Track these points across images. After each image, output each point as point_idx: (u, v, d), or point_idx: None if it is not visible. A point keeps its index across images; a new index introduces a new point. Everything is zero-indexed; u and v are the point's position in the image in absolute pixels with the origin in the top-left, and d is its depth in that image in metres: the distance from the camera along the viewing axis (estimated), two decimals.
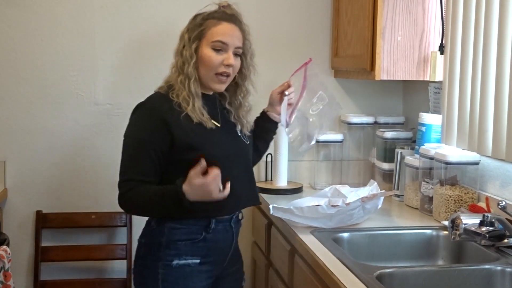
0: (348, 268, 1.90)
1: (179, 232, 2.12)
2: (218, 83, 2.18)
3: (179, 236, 2.12)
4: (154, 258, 2.13)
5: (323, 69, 3.21)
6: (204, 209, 2.07)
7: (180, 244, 2.12)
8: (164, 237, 2.12)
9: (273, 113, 2.44)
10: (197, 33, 2.14)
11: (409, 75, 2.72)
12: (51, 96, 3.03)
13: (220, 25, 2.15)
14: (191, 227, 2.13)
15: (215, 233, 2.16)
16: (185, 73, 2.13)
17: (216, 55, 2.14)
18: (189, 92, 2.12)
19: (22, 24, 2.98)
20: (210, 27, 2.14)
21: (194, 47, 2.13)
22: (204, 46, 2.14)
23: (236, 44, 2.17)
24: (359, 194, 2.49)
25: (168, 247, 2.12)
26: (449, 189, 2.44)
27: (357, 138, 3.19)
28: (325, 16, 3.20)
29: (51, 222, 3.04)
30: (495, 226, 2.02)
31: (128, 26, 3.05)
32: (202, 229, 2.14)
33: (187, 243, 2.12)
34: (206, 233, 2.14)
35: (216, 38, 2.13)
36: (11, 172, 3.02)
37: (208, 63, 2.14)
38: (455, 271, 1.95)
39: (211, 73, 2.15)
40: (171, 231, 2.12)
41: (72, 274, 3.10)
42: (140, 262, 2.19)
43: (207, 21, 2.15)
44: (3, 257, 2.49)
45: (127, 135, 2.16)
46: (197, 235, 2.13)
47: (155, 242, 2.14)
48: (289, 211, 2.32)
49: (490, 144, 2.30)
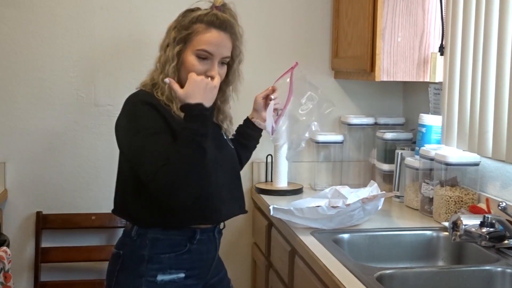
0: (348, 269, 1.90)
1: (162, 244, 1.99)
2: None
3: (163, 249, 1.98)
4: (136, 274, 1.98)
5: (323, 70, 3.22)
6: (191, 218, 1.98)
7: (163, 257, 1.98)
8: (146, 249, 1.98)
9: (258, 120, 2.33)
10: (183, 35, 2.01)
11: (409, 76, 2.72)
12: (51, 97, 3.03)
13: (208, 32, 2.00)
14: (175, 238, 2.00)
15: (199, 244, 2.04)
16: (166, 73, 2.02)
17: (199, 64, 1.99)
18: (170, 94, 2.00)
19: (22, 25, 2.98)
20: (198, 33, 2.00)
21: (177, 50, 2.01)
22: (189, 52, 2.01)
23: (223, 54, 2.03)
24: (359, 195, 2.49)
25: (151, 261, 1.97)
26: (449, 190, 2.44)
27: (357, 139, 3.19)
28: (325, 17, 3.20)
29: (51, 223, 3.04)
30: (495, 227, 2.02)
31: (128, 27, 3.06)
32: (186, 240, 2.01)
33: (171, 256, 1.99)
34: (191, 244, 2.02)
35: (202, 47, 1.99)
36: (11, 173, 3.02)
37: (190, 71, 1.98)
38: (456, 272, 1.95)
39: None
40: (154, 243, 1.98)
41: (72, 275, 3.10)
42: (119, 277, 2.02)
43: (195, 24, 2.01)
44: (3, 258, 2.49)
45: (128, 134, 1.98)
46: (181, 246, 2.00)
47: (136, 255, 1.99)
48: (289, 212, 2.32)
49: (490, 145, 2.30)
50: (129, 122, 1.99)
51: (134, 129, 1.96)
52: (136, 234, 2.01)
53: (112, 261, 2.07)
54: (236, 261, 3.17)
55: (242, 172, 3.10)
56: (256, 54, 2.96)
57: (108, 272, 2.08)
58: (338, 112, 3.24)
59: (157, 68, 2.08)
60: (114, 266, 2.05)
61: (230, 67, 2.12)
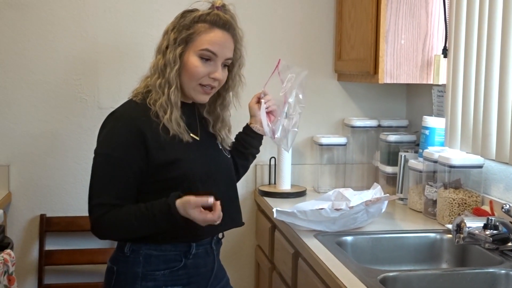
0: (351, 272, 1.90)
1: (156, 261, 1.91)
2: (202, 94, 1.96)
3: (157, 265, 1.91)
4: None
5: (326, 73, 3.22)
6: (183, 234, 1.91)
7: (158, 274, 1.91)
8: (140, 266, 1.90)
9: (256, 125, 2.19)
10: (184, 35, 1.92)
11: (412, 78, 2.72)
12: (54, 100, 3.03)
13: (211, 32, 1.92)
14: (169, 254, 1.92)
15: (195, 258, 1.96)
16: (166, 78, 1.92)
17: (202, 65, 1.92)
18: (168, 100, 1.90)
19: (26, 28, 2.98)
20: (200, 33, 1.92)
21: (179, 51, 1.91)
22: (191, 53, 1.92)
23: (227, 55, 1.96)
24: (363, 197, 2.48)
25: (145, 279, 1.90)
26: (453, 193, 2.43)
27: (360, 141, 3.19)
28: (328, 20, 3.20)
29: (55, 226, 3.05)
30: (499, 230, 2.01)
31: (131, 30, 3.06)
32: (181, 255, 1.94)
33: (165, 273, 1.91)
34: (186, 259, 1.94)
35: (206, 47, 1.91)
36: (15, 176, 3.03)
37: (192, 72, 1.92)
38: (459, 274, 1.95)
39: (194, 83, 1.94)
40: (148, 259, 1.91)
41: (76, 278, 3.10)
42: None
43: (197, 24, 1.93)
44: (7, 261, 2.49)
45: (99, 152, 1.92)
46: (176, 262, 1.93)
47: (130, 272, 1.92)
48: (292, 214, 2.32)
49: (493, 147, 2.30)
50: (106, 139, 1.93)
51: (101, 147, 1.93)
52: (129, 250, 1.94)
53: (107, 276, 2.00)
54: (240, 264, 3.17)
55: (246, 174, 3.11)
56: (258, 58, 2.96)
57: (104, 286, 2.02)
58: (342, 115, 3.24)
59: (153, 73, 1.97)
60: (109, 281, 1.98)
61: (230, 71, 2.03)
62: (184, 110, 1.96)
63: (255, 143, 2.24)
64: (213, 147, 2.07)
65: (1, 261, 2.45)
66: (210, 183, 1.95)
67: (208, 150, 2.03)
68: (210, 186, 1.94)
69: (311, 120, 3.21)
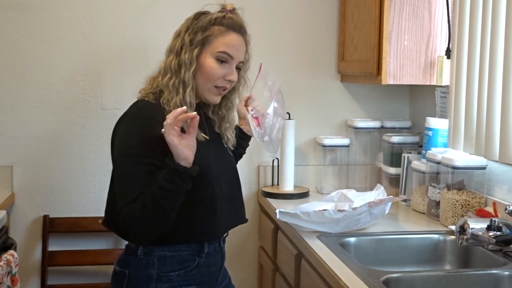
0: (354, 273, 1.90)
1: (170, 262, 1.92)
2: (216, 95, 2.00)
3: (171, 266, 1.92)
4: None
5: (329, 74, 3.22)
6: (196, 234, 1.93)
7: (172, 275, 1.92)
8: (154, 268, 1.91)
9: (246, 127, 2.27)
10: (201, 37, 1.95)
11: (415, 79, 2.72)
12: (58, 101, 3.03)
13: (228, 35, 1.96)
14: (182, 254, 1.94)
15: (207, 257, 1.99)
16: (182, 79, 1.93)
17: (219, 67, 1.95)
18: (183, 100, 1.91)
19: (29, 29, 2.99)
20: (217, 35, 1.95)
21: (196, 53, 1.94)
22: (208, 55, 1.95)
23: (240, 58, 2.00)
24: (366, 198, 2.48)
25: (160, 280, 1.91)
26: (456, 194, 2.43)
27: (363, 142, 3.19)
28: (331, 21, 3.20)
29: (58, 227, 3.05)
30: (502, 231, 2.01)
31: (135, 31, 3.06)
32: (194, 254, 1.96)
33: (180, 273, 1.93)
34: (199, 258, 1.96)
35: (223, 49, 1.95)
36: (18, 177, 3.03)
37: (209, 74, 1.95)
38: (462, 276, 1.95)
39: (210, 84, 1.97)
40: (162, 261, 1.92)
41: (79, 279, 3.10)
42: None
43: (214, 26, 1.96)
44: (10, 262, 2.50)
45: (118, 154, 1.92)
46: (189, 262, 1.95)
47: (143, 274, 1.91)
48: (295, 215, 2.32)
49: (497, 148, 2.29)
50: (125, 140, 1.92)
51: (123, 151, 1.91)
52: (142, 253, 1.93)
53: (117, 280, 1.99)
54: (243, 265, 3.17)
55: (249, 175, 3.11)
56: (261, 59, 2.95)
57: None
58: (345, 116, 3.24)
59: (164, 73, 1.98)
60: (120, 285, 1.97)
61: (238, 73, 2.05)
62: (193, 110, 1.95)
63: (243, 144, 2.33)
64: (220, 146, 2.10)
65: (5, 262, 2.45)
66: (221, 181, 1.98)
67: (216, 149, 2.05)
68: (221, 183, 1.97)
69: (314, 121, 3.21)
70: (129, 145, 1.88)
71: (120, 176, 1.90)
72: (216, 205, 1.96)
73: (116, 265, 2.01)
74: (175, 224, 1.87)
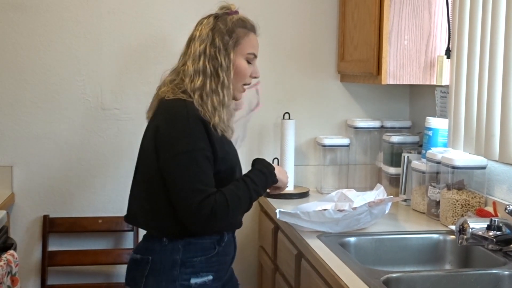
0: (354, 273, 1.90)
1: (194, 248, 2.04)
2: (242, 92, 2.17)
3: (195, 253, 2.04)
4: (169, 278, 2.01)
5: (329, 74, 3.22)
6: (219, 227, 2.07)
7: (195, 261, 2.03)
8: (179, 254, 2.02)
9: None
10: (232, 41, 2.07)
11: (415, 79, 2.72)
12: (57, 101, 3.04)
13: (251, 36, 2.13)
14: (205, 242, 2.06)
15: (225, 246, 2.12)
16: (221, 81, 2.05)
17: (248, 66, 2.13)
18: (223, 101, 2.04)
19: (29, 30, 2.99)
20: (243, 37, 2.10)
21: (232, 56, 2.07)
22: (239, 56, 2.10)
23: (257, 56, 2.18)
24: (366, 198, 2.48)
25: (184, 265, 2.02)
26: (456, 194, 2.43)
27: (363, 142, 3.19)
28: (331, 21, 3.20)
29: (58, 227, 3.05)
30: (502, 231, 2.01)
31: (134, 31, 3.06)
32: (215, 243, 2.08)
33: (201, 259, 2.04)
34: (219, 246, 2.09)
35: (251, 51, 2.12)
36: (18, 177, 3.03)
37: (242, 74, 2.11)
38: (462, 275, 1.95)
39: (241, 83, 2.14)
40: (187, 247, 2.03)
41: (79, 279, 3.10)
42: (148, 281, 2.02)
43: (238, 29, 2.10)
44: (10, 262, 2.50)
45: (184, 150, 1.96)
46: (210, 250, 2.07)
47: (168, 260, 2.02)
48: (295, 215, 2.32)
49: (497, 148, 2.29)
50: (183, 138, 1.98)
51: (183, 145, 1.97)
52: (167, 240, 2.04)
53: (137, 266, 2.06)
54: (243, 265, 3.16)
55: None
56: (261, 58, 2.95)
57: (132, 277, 2.07)
58: (345, 116, 3.24)
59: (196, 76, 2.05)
60: (141, 272, 2.03)
61: None
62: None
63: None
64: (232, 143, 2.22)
65: (5, 262, 2.45)
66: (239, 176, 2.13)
67: (233, 145, 2.19)
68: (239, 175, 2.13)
69: (314, 121, 3.22)
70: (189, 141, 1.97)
71: (186, 172, 1.96)
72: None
73: (135, 254, 2.10)
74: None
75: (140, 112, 3.06)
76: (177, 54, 2.22)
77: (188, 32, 2.21)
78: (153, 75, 3.07)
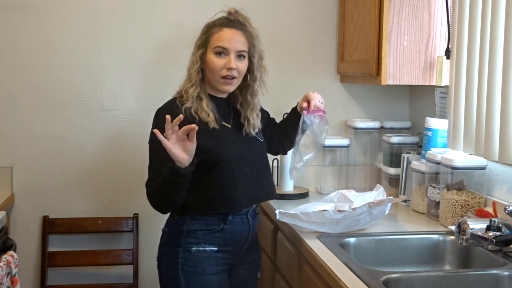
0: (354, 273, 1.90)
1: (198, 223, 2.25)
2: (225, 84, 2.27)
3: (199, 226, 2.25)
4: (175, 245, 2.26)
5: (329, 74, 3.22)
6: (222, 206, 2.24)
7: (199, 233, 2.25)
8: (185, 226, 2.25)
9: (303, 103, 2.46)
10: (202, 41, 2.28)
11: (415, 79, 2.72)
12: (57, 102, 3.04)
13: (221, 31, 2.26)
14: (209, 219, 2.26)
15: (232, 225, 2.28)
16: (190, 78, 2.28)
17: (218, 59, 2.25)
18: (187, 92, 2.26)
19: (29, 30, 2.99)
20: (213, 34, 2.26)
21: (199, 54, 2.27)
22: (209, 52, 2.26)
23: (238, 48, 2.26)
24: (365, 198, 2.48)
25: (188, 236, 2.25)
26: (456, 194, 2.43)
27: (363, 143, 3.19)
28: (331, 21, 3.20)
29: (58, 227, 3.05)
30: (502, 231, 2.01)
31: (134, 32, 3.07)
32: (220, 220, 2.26)
33: (205, 233, 2.25)
34: (224, 224, 2.26)
35: (217, 44, 2.25)
36: (18, 177, 3.03)
37: (211, 67, 2.25)
38: (462, 276, 1.95)
39: (216, 76, 2.26)
40: (191, 221, 2.25)
41: (79, 279, 3.10)
42: (162, 248, 2.32)
43: (212, 28, 2.28)
44: (10, 263, 2.50)
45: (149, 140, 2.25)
46: (215, 226, 2.26)
47: (177, 231, 2.27)
48: (295, 216, 2.32)
49: (496, 148, 2.29)
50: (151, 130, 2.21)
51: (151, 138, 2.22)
52: (178, 215, 2.28)
53: (161, 238, 2.35)
54: None
55: None
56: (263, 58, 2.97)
57: (159, 245, 2.35)
58: (344, 116, 3.24)
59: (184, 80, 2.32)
60: (161, 241, 2.34)
61: (252, 63, 2.32)
62: (218, 103, 2.30)
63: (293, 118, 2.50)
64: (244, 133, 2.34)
65: (4, 262, 2.45)
66: (244, 162, 2.27)
67: (239, 135, 2.32)
68: (243, 164, 2.27)
69: None
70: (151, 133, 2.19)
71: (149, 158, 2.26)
72: (236, 183, 2.24)
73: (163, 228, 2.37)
74: (200, 199, 2.23)
75: (139, 112, 3.07)
76: (177, 54, 2.23)
77: (188, 32, 2.23)
78: (153, 75, 3.08)
